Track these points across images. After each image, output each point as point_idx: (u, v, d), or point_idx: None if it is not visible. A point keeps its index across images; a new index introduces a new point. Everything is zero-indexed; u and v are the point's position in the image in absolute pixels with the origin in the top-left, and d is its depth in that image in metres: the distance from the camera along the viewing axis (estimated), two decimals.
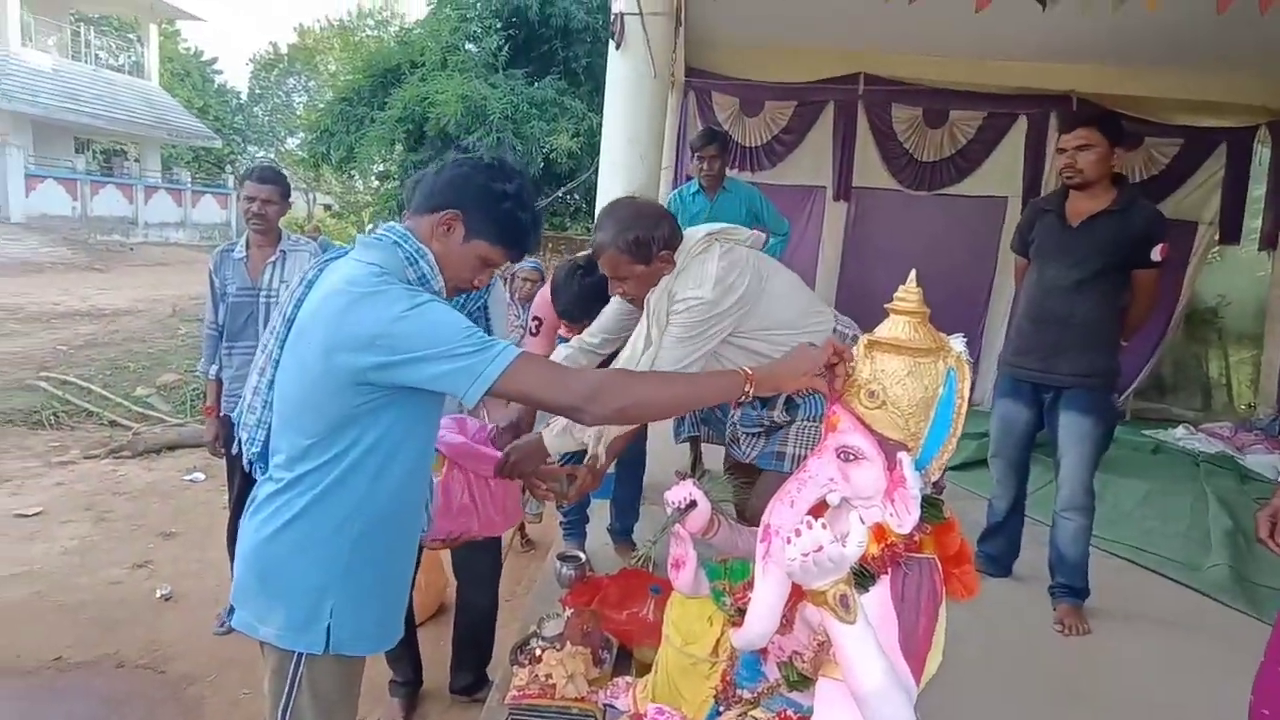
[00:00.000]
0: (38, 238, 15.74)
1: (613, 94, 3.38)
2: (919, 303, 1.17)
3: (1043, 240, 2.64)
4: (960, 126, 5.50)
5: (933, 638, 1.02)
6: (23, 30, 18.31)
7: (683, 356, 1.76)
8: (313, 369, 1.23)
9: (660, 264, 1.79)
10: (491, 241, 1.34)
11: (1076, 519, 2.54)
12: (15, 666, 2.69)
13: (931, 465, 1.12)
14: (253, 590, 1.30)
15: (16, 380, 6.49)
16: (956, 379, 1.13)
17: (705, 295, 1.74)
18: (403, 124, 12.50)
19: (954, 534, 1.12)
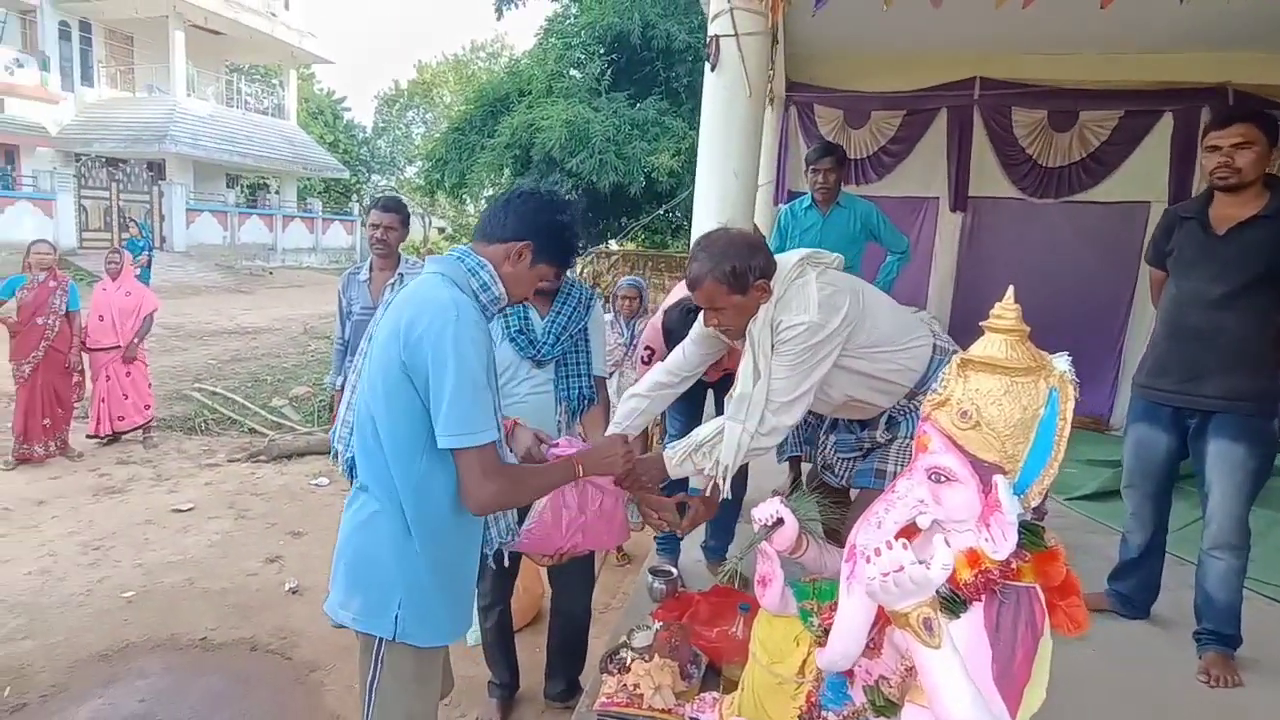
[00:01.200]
0: (195, 264, 17.67)
1: (708, 114, 3.41)
2: (1017, 320, 1.12)
3: (1183, 250, 2.39)
4: (1091, 128, 5.09)
5: (1031, 671, 0.97)
6: (188, 83, 20.72)
7: (795, 386, 1.72)
8: (378, 381, 1.39)
9: (757, 293, 1.76)
10: (552, 263, 1.55)
11: (1226, 559, 2.26)
12: (170, 642, 3.04)
13: (1031, 490, 1.07)
14: (340, 578, 1.47)
15: (176, 391, 7.30)
16: (1059, 400, 1.07)
17: (812, 319, 1.71)
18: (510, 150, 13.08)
19: (1058, 563, 1.06)
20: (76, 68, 19.96)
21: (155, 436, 5.86)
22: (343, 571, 1.46)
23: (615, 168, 12.38)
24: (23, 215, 15.56)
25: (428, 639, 1.45)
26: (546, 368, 2.12)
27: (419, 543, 1.40)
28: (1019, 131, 5.30)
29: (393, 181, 32.52)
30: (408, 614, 1.41)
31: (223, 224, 20.14)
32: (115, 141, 18.92)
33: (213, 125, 20.73)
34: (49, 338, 5.16)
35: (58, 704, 2.63)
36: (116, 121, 19.43)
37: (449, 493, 1.41)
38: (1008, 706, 0.93)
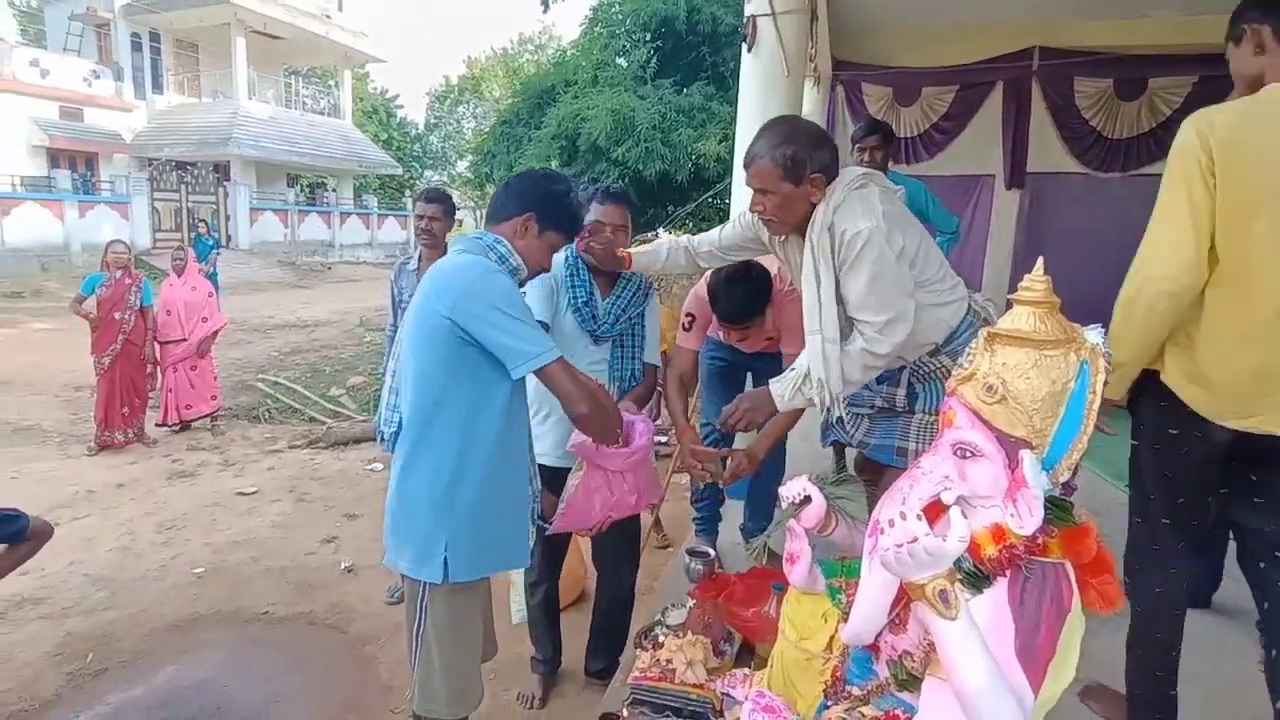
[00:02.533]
0: (259, 261, 18.44)
1: (746, 95, 3.38)
2: (1046, 291, 1.09)
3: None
4: (1163, 95, 4.82)
5: (1056, 648, 0.95)
6: (249, 87, 21.56)
7: (885, 303, 1.63)
8: (417, 337, 1.52)
9: (810, 188, 1.68)
10: (559, 230, 1.67)
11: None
12: (235, 616, 3.22)
13: (1060, 465, 1.04)
14: (391, 531, 1.61)
15: (241, 381, 7.66)
16: (1090, 373, 1.04)
17: (878, 223, 1.62)
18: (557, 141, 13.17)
19: (1089, 540, 1.03)
20: (148, 77, 21.01)
21: (222, 424, 6.17)
22: (390, 525, 1.60)
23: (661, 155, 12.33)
24: (102, 218, 16.52)
25: (479, 572, 1.58)
26: (603, 346, 2.18)
27: (456, 484, 1.52)
28: (1082, 103, 5.04)
29: (444, 176, 33.18)
30: (455, 554, 1.53)
31: (284, 222, 20.94)
32: (184, 146, 19.87)
33: (273, 127, 21.54)
34: (125, 331, 5.48)
35: (136, 670, 2.83)
36: (185, 127, 20.39)
37: (492, 431, 1.54)
38: (1030, 681, 0.92)
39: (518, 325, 1.48)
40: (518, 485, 1.67)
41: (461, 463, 1.52)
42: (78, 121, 19.19)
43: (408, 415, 1.56)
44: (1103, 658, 1.77)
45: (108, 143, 19.66)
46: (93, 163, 19.64)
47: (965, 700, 0.89)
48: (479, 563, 1.58)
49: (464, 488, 1.53)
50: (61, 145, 18.40)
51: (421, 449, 1.54)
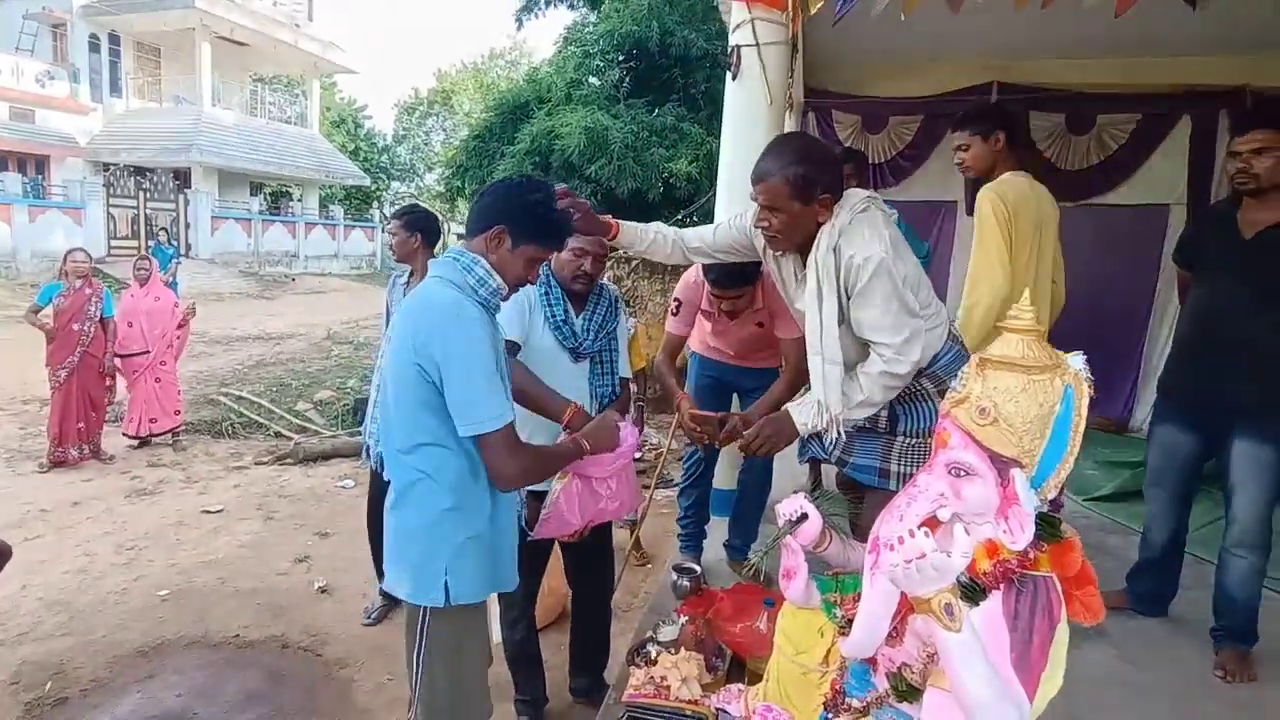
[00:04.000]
0: (220, 271, 18.01)
1: (730, 122, 3.47)
2: (1033, 320, 1.17)
3: (1211, 254, 2.42)
4: (1110, 131, 5.09)
5: (1048, 656, 1.01)
6: (213, 93, 21.16)
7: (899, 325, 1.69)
8: (399, 371, 1.51)
9: (819, 208, 1.71)
10: (536, 242, 1.60)
11: (1248, 557, 2.29)
12: (204, 640, 3.12)
13: (1048, 483, 1.11)
14: (390, 559, 1.60)
15: (203, 395, 7.46)
16: (1074, 396, 1.11)
17: (887, 248, 1.67)
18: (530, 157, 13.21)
19: (1074, 554, 1.10)
20: (106, 79, 20.46)
21: (184, 440, 6.00)
22: (390, 553, 1.61)
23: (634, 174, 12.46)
24: (54, 224, 15.98)
25: (480, 594, 1.59)
26: (581, 364, 2.19)
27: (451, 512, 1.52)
28: (1037, 135, 5.28)
29: (412, 188, 32.91)
30: (457, 578, 1.53)
31: (247, 231, 20.50)
32: (143, 151, 19.36)
33: (237, 134, 21.15)
34: (84, 343, 5.31)
35: (98, 698, 2.71)
36: (144, 132, 19.87)
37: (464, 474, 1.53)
38: (1026, 691, 0.97)
39: (469, 381, 1.46)
40: (511, 503, 1.69)
41: (458, 491, 1.53)
42: (28, 123, 18.56)
43: (399, 445, 1.54)
44: None
45: (60, 145, 19.04)
46: (44, 166, 18.99)
47: (970, 710, 0.94)
48: (481, 584, 1.59)
49: (462, 514, 1.53)
50: (10, 147, 17.76)
51: (415, 479, 1.54)
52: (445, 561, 1.52)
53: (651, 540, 3.95)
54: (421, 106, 34.08)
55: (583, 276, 2.10)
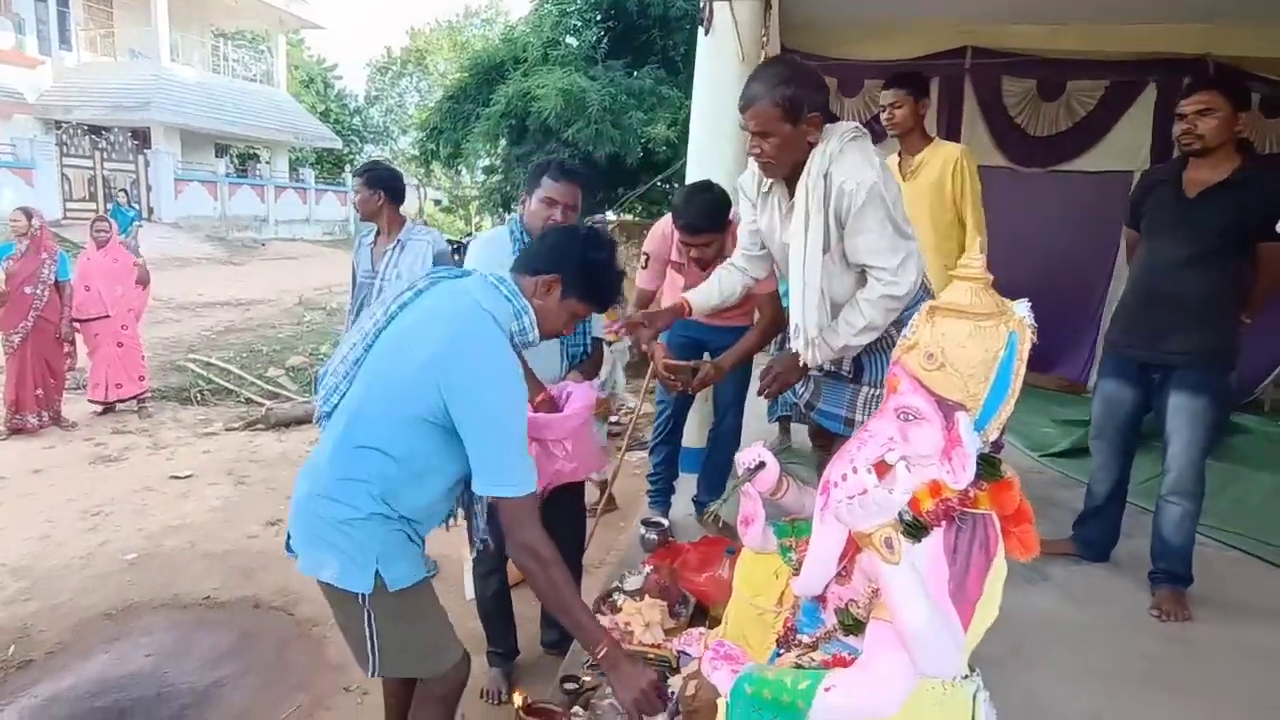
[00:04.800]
0: (185, 235, 17.52)
1: (701, 78, 3.43)
2: (981, 269, 1.20)
3: (1155, 213, 2.51)
4: (1079, 98, 5.14)
5: (983, 588, 1.05)
6: (171, 48, 20.31)
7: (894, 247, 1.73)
8: (405, 372, 1.42)
9: (808, 128, 1.74)
10: (584, 300, 1.59)
11: (1182, 504, 2.42)
12: (173, 602, 3.12)
13: (990, 425, 1.15)
14: (307, 539, 1.49)
15: (169, 362, 7.33)
16: (1018, 342, 1.15)
17: (878, 173, 1.72)
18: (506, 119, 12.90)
19: (1012, 492, 1.14)
20: (54, 31, 19.46)
21: (150, 407, 5.91)
22: (306, 535, 1.49)
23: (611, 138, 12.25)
24: (1, 184, 15.33)
25: (408, 579, 1.49)
26: None
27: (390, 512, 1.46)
28: (1008, 101, 5.32)
29: (386, 151, 32.15)
30: (389, 567, 1.45)
31: (213, 194, 19.89)
32: (97, 108, 18.55)
33: (199, 92, 20.37)
34: (38, 308, 5.16)
35: (64, 660, 2.71)
36: (98, 87, 19.02)
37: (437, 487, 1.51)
38: (961, 619, 1.02)
39: (503, 444, 1.41)
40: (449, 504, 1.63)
41: (388, 502, 1.45)
42: None
43: (357, 437, 1.45)
44: None
45: (7, 101, 18.17)
46: None
47: (909, 637, 0.98)
48: (415, 567, 1.52)
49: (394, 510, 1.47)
50: None
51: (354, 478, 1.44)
52: (375, 552, 1.45)
53: (626, 498, 4.00)
54: (395, 66, 33.11)
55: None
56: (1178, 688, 2.03)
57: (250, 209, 21.01)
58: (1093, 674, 2.06)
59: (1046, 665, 2.05)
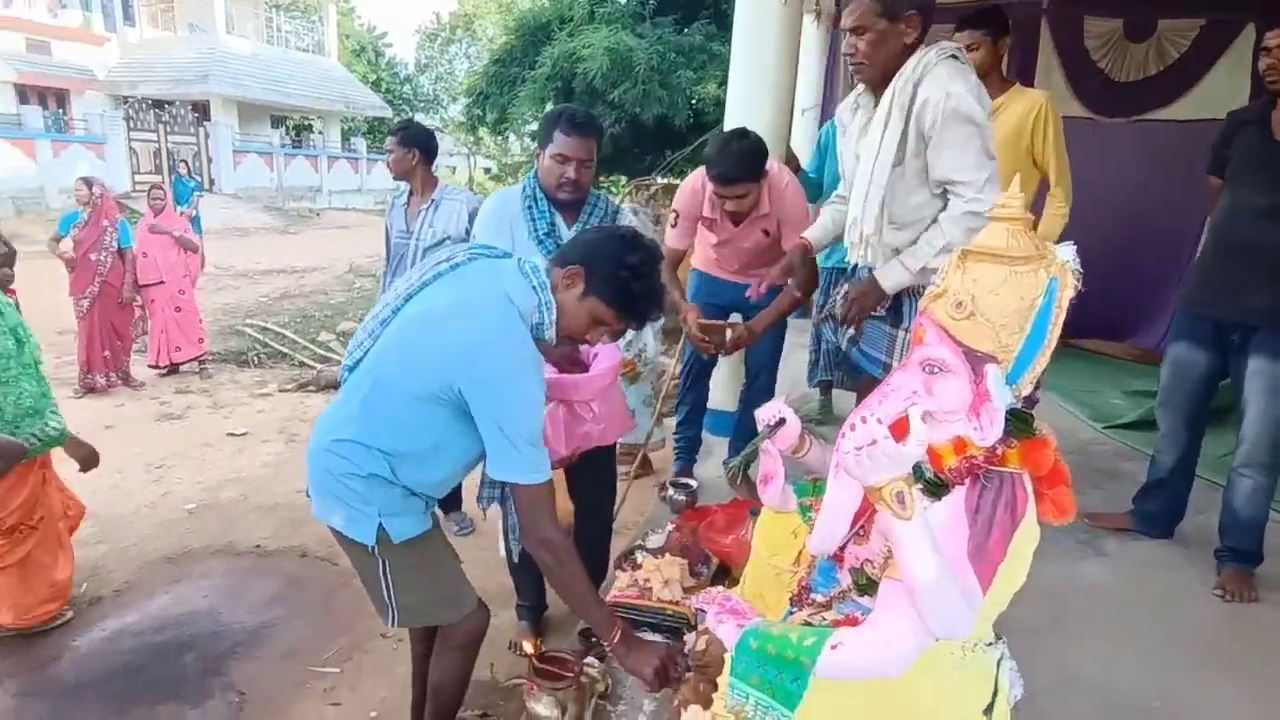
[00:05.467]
0: (244, 206, 18.09)
1: (741, 25, 3.28)
2: (1020, 208, 1.10)
3: (1239, 157, 2.30)
4: (1170, 38, 4.65)
5: (1006, 550, 0.99)
6: (227, 20, 20.74)
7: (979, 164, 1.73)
8: (428, 354, 1.43)
9: (906, 27, 1.75)
10: (605, 301, 1.48)
11: (1256, 477, 2.24)
12: (228, 549, 3.28)
13: (1023, 379, 1.07)
14: (317, 488, 1.53)
15: (229, 327, 7.62)
16: (1058, 288, 1.06)
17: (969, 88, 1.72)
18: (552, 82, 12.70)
19: (1047, 451, 1.06)
20: (118, 7, 20.15)
21: (210, 368, 6.16)
22: (317, 484, 1.53)
23: (659, 98, 11.93)
24: (76, 158, 16.03)
25: (412, 530, 1.52)
26: None
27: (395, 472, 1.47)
28: (1091, 43, 4.83)
29: (436, 119, 32.34)
30: (393, 520, 1.49)
31: (269, 165, 20.46)
32: (159, 83, 19.20)
33: (254, 64, 20.84)
34: (102, 273, 5.39)
35: (130, 598, 2.89)
36: (160, 62, 19.66)
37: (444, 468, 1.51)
38: (980, 581, 0.96)
39: (519, 436, 1.39)
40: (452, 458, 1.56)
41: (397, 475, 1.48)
42: (46, 55, 18.44)
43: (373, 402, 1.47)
44: None
45: (79, 78, 18.94)
46: (64, 99, 18.98)
47: (916, 594, 0.93)
48: (420, 519, 1.55)
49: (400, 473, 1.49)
50: (29, 80, 17.71)
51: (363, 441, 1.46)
52: (378, 506, 1.48)
53: (661, 464, 3.99)
54: (444, 33, 33.07)
55: (567, 184, 1.98)
56: (1234, 668, 1.91)
57: (305, 179, 21.53)
58: (1139, 650, 1.95)
59: (1088, 638, 1.96)
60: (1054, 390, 4.14)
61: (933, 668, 1.02)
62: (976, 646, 1.09)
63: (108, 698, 2.33)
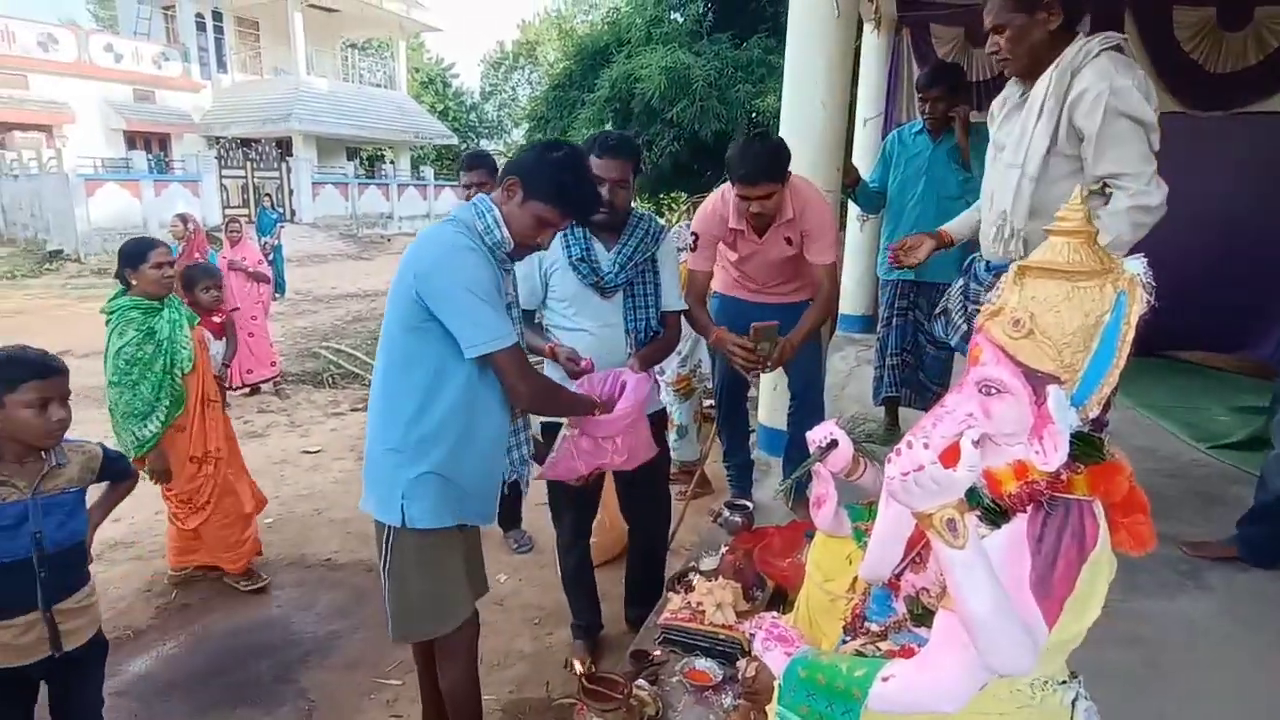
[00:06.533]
0: (322, 234, 19.05)
1: (794, 40, 3.24)
2: (1082, 220, 1.04)
3: None
4: (1270, 26, 4.33)
5: (1074, 583, 0.92)
6: (307, 62, 22.02)
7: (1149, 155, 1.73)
8: (395, 290, 1.57)
9: (1047, 15, 1.77)
10: (544, 200, 1.58)
11: None
12: (300, 561, 3.44)
13: (1090, 400, 1.00)
14: (365, 475, 1.69)
15: (306, 349, 8.00)
16: (1127, 303, 0.99)
17: (1137, 81, 1.71)
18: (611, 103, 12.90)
19: (1120, 477, 0.99)
20: (213, 56, 21.71)
21: (288, 389, 6.47)
22: (365, 473, 1.69)
23: (718, 114, 11.94)
24: (175, 196, 17.26)
25: (439, 520, 1.61)
26: (613, 300, 2.10)
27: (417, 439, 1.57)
28: (1180, 34, 4.52)
29: (500, 145, 33.32)
30: (412, 504, 1.58)
31: (344, 195, 21.50)
32: (248, 123, 20.52)
33: (331, 101, 22.01)
34: None
35: (214, 605, 3.07)
36: (248, 104, 21.04)
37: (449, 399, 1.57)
38: (1045, 616, 0.90)
39: (474, 307, 1.49)
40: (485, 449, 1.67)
41: (418, 422, 1.56)
42: (150, 103, 20.03)
43: (377, 367, 1.61)
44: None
45: (178, 123, 20.48)
46: (166, 143, 20.52)
47: (970, 627, 0.88)
48: (439, 513, 1.61)
49: (422, 445, 1.57)
50: (137, 127, 19.27)
51: (383, 403, 1.59)
52: (402, 488, 1.58)
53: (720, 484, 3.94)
54: (507, 61, 34.14)
55: (603, 206, 1.97)
56: None
57: (377, 207, 22.50)
58: (1244, 699, 1.77)
59: (1187, 684, 1.80)
60: (1150, 409, 3.87)
61: (997, 706, 0.96)
62: (1048, 684, 1.03)
63: (191, 698, 2.48)
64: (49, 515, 1.64)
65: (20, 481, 1.61)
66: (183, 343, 2.89)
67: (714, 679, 1.66)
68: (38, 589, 1.61)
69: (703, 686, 1.66)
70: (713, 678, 1.67)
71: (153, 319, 2.84)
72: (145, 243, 2.95)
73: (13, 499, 1.59)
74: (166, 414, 2.85)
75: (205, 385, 3.04)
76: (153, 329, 2.82)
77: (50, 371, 1.64)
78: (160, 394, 2.82)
